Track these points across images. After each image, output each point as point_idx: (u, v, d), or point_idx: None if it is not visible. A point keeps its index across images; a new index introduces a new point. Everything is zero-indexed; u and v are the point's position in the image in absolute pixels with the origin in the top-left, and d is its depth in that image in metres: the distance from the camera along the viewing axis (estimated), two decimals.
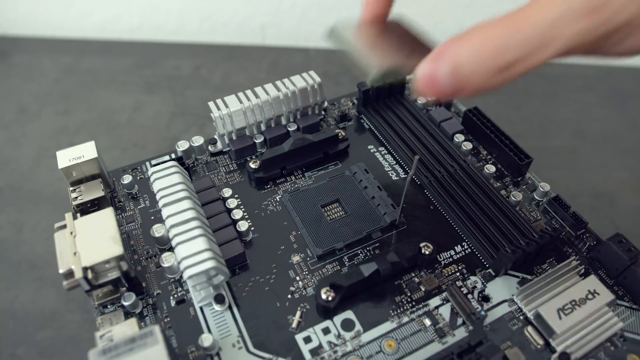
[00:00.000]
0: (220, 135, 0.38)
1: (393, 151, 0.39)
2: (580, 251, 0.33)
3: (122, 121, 0.58)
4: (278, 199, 0.35)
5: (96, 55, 0.68)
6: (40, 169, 0.52)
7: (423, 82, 0.22)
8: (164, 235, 0.31)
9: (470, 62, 0.20)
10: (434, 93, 0.22)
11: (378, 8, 0.28)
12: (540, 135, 0.57)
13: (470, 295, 0.30)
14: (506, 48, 0.20)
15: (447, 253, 0.32)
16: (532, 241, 0.30)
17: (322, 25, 0.71)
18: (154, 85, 0.63)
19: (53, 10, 0.70)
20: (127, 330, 0.25)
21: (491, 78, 0.20)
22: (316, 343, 0.28)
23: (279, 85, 0.38)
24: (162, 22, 0.71)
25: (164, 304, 0.30)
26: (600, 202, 0.49)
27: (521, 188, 0.36)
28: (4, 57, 0.67)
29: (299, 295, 0.30)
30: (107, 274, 0.28)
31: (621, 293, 0.30)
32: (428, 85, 0.22)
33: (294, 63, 0.68)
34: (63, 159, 0.33)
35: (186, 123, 0.58)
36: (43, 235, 0.46)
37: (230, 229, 0.32)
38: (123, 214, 0.34)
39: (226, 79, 0.64)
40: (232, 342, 0.28)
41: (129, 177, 0.36)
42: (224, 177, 0.37)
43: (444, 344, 0.28)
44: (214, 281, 0.29)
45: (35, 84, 0.63)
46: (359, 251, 0.32)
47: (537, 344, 0.28)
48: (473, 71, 0.21)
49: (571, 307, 0.28)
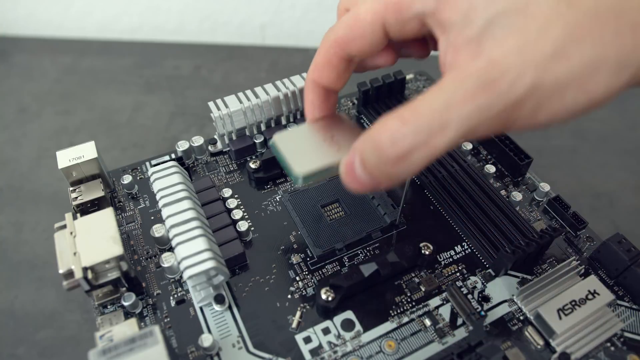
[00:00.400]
0: (220, 135, 0.38)
1: None
2: (580, 251, 0.33)
3: (122, 121, 0.58)
4: (278, 199, 0.35)
5: (96, 55, 0.68)
6: (40, 169, 0.52)
7: (344, 176, 0.23)
8: (164, 235, 0.31)
9: (372, 155, 0.21)
10: (357, 186, 0.23)
11: (319, 113, 0.29)
12: (540, 135, 0.57)
13: (470, 296, 0.30)
14: (401, 136, 0.20)
15: (447, 253, 0.32)
16: (532, 241, 0.30)
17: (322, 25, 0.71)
18: (154, 85, 0.63)
19: (53, 10, 0.70)
20: (127, 331, 0.25)
21: (391, 168, 0.21)
22: (316, 343, 0.28)
23: (279, 85, 0.38)
24: (162, 22, 0.71)
25: (164, 304, 0.30)
26: (600, 202, 0.49)
27: (521, 188, 0.36)
28: (4, 57, 0.67)
29: (299, 295, 0.30)
30: (107, 274, 0.28)
31: (621, 293, 0.30)
32: (348, 178, 0.23)
33: (294, 63, 0.68)
34: (63, 159, 0.33)
35: (186, 123, 0.58)
36: (43, 235, 0.46)
37: (230, 229, 0.32)
38: (123, 214, 0.34)
39: (226, 79, 0.64)
40: (232, 342, 0.28)
41: (129, 177, 0.36)
42: (224, 177, 0.37)
43: (444, 344, 0.28)
44: (214, 281, 0.29)
45: (35, 84, 0.63)
46: (359, 251, 0.32)
47: (537, 344, 0.28)
48: (376, 163, 0.21)
49: (571, 307, 0.28)
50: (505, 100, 0.19)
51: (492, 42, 0.19)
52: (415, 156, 0.20)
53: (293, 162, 0.26)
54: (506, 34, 0.19)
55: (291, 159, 0.26)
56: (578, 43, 0.18)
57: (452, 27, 0.20)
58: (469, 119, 0.19)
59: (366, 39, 0.24)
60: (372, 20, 0.23)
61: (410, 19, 0.22)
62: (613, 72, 0.19)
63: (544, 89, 0.19)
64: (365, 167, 0.22)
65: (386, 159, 0.20)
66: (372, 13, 0.23)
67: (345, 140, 0.27)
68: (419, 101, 0.20)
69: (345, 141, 0.27)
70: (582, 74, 0.19)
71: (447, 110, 0.19)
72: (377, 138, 0.20)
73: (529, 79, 0.19)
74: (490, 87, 0.19)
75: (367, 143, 0.21)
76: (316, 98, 0.28)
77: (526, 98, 0.19)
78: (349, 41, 0.25)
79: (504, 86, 0.19)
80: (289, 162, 0.26)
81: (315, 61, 0.27)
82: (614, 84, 0.19)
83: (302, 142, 0.28)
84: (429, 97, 0.20)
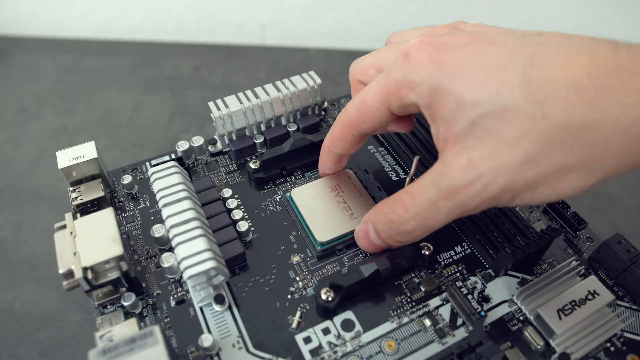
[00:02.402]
0: (220, 136, 0.38)
1: (393, 151, 0.39)
2: (580, 251, 0.33)
3: (122, 121, 0.58)
4: (278, 199, 0.35)
5: (96, 55, 0.68)
6: (40, 169, 0.52)
7: (360, 241, 0.30)
8: (164, 235, 0.31)
9: (385, 228, 0.27)
10: (372, 248, 0.30)
11: (330, 172, 0.34)
12: None
13: (470, 296, 0.30)
14: (404, 221, 0.26)
15: (447, 253, 0.32)
16: (532, 241, 0.30)
17: (322, 25, 0.71)
18: (154, 85, 0.63)
19: (53, 10, 0.70)
20: (127, 331, 0.25)
21: (400, 238, 0.27)
22: (316, 343, 0.28)
23: (279, 85, 0.38)
24: (162, 22, 0.71)
25: (163, 304, 0.30)
26: (600, 202, 0.49)
27: None
28: (4, 57, 0.67)
29: (298, 295, 0.30)
30: (107, 274, 0.28)
31: (621, 293, 0.30)
32: (364, 242, 0.30)
33: (294, 63, 0.68)
34: (63, 159, 0.33)
35: (186, 123, 0.58)
36: (43, 235, 0.46)
37: (230, 229, 0.32)
38: (123, 214, 0.34)
39: (226, 79, 0.64)
40: (232, 342, 0.28)
41: (129, 177, 0.36)
42: (224, 177, 0.37)
43: (444, 344, 0.28)
44: (214, 281, 0.29)
45: (35, 84, 0.63)
46: (359, 251, 0.32)
47: (537, 345, 0.28)
48: (388, 234, 0.27)
49: (571, 308, 0.28)
50: (481, 197, 0.23)
51: (472, 142, 0.22)
52: (416, 232, 0.26)
53: (315, 230, 0.32)
54: (485, 135, 0.22)
55: (312, 225, 0.32)
56: (549, 152, 0.21)
57: (442, 121, 0.23)
58: (453, 210, 0.24)
59: (375, 120, 0.27)
60: (377, 106, 0.26)
61: (410, 104, 0.25)
62: (581, 176, 0.21)
63: (515, 188, 0.22)
64: (379, 235, 0.28)
65: (396, 234, 0.26)
66: (377, 100, 0.26)
67: (352, 201, 0.33)
68: (416, 190, 0.25)
69: (352, 201, 0.33)
70: (550, 178, 0.21)
71: (436, 203, 0.24)
72: (388, 218, 0.26)
73: (502, 181, 0.22)
74: (468, 187, 0.22)
75: (380, 219, 0.27)
76: (329, 161, 0.33)
77: (500, 194, 0.22)
78: (360, 122, 0.28)
79: (479, 187, 0.22)
80: (310, 227, 0.32)
81: (332, 134, 0.31)
82: (582, 184, 0.21)
83: (317, 202, 0.33)
84: (423, 187, 0.24)
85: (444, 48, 0.24)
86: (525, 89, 0.21)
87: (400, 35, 0.31)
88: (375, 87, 0.26)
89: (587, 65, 0.20)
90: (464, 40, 0.24)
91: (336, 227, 0.32)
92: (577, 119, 0.20)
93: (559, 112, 0.20)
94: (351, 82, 0.31)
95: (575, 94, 0.20)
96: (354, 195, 0.34)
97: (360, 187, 0.34)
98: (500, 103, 0.21)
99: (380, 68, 0.28)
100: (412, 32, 0.30)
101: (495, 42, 0.23)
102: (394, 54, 0.27)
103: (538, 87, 0.20)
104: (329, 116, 0.42)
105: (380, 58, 0.29)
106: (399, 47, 0.27)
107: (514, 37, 0.23)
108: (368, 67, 0.29)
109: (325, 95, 0.40)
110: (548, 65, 0.21)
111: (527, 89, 0.21)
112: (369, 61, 0.29)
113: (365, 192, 0.34)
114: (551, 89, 0.20)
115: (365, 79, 0.30)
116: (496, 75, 0.21)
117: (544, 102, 0.20)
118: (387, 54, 0.28)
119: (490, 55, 0.22)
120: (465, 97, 0.22)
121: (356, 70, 0.30)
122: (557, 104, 0.20)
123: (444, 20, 0.31)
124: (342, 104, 0.43)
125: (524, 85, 0.21)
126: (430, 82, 0.23)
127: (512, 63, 0.21)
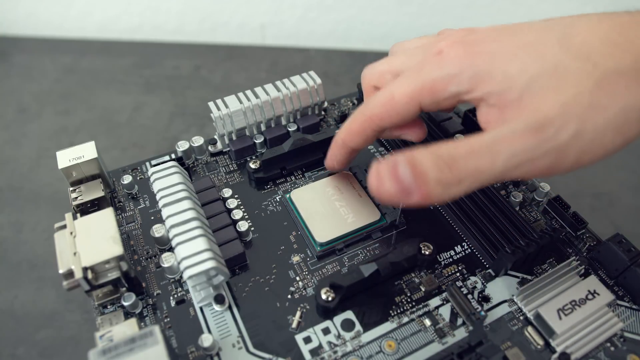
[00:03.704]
0: (220, 136, 0.38)
1: (393, 151, 0.39)
2: (580, 251, 0.33)
3: (122, 121, 0.58)
4: (278, 199, 0.35)
5: (96, 55, 0.68)
6: (40, 169, 0.52)
7: (383, 173, 0.22)
8: (164, 235, 0.31)
9: (433, 166, 0.21)
10: (390, 187, 0.22)
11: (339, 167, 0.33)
12: None
13: (470, 296, 0.30)
14: (463, 159, 0.22)
15: (447, 253, 0.32)
16: (532, 241, 0.30)
17: (322, 25, 0.71)
18: (154, 85, 0.63)
19: (53, 10, 0.70)
20: (127, 331, 0.25)
21: (447, 184, 0.22)
22: (316, 343, 0.28)
23: (279, 85, 0.38)
24: (162, 22, 0.71)
25: (163, 304, 0.30)
26: (600, 202, 0.49)
27: (521, 188, 0.36)
28: (4, 57, 0.67)
29: (299, 295, 0.30)
30: (107, 274, 0.28)
31: (621, 293, 0.30)
32: (390, 176, 0.22)
33: (294, 63, 0.68)
34: (63, 159, 0.33)
35: (186, 123, 0.58)
36: (43, 235, 0.46)
37: (230, 229, 0.32)
38: (123, 214, 0.34)
39: (226, 79, 0.64)
40: (232, 342, 0.28)
41: (129, 177, 0.36)
42: (224, 177, 0.37)
43: (444, 344, 0.28)
44: (214, 281, 0.29)
45: (35, 84, 0.63)
46: (359, 251, 0.32)
47: (537, 344, 0.28)
48: (436, 176, 0.21)
49: (571, 308, 0.28)
50: (551, 144, 0.21)
51: (534, 99, 0.22)
52: (466, 181, 0.22)
53: (314, 231, 0.31)
54: (545, 92, 0.22)
55: (312, 226, 0.32)
56: (610, 95, 0.21)
57: (491, 95, 0.23)
58: (517, 155, 0.21)
59: (400, 116, 0.27)
60: (407, 101, 0.26)
61: (445, 98, 0.25)
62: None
63: (585, 135, 0.21)
64: (416, 172, 0.21)
65: (448, 175, 0.21)
66: (408, 96, 0.26)
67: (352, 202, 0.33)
68: (479, 135, 0.22)
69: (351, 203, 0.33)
70: (617, 121, 0.21)
71: (498, 144, 0.22)
72: (441, 153, 0.22)
73: (572, 127, 0.21)
74: (538, 132, 0.21)
75: (430, 156, 0.22)
76: (340, 154, 0.32)
77: (570, 144, 0.21)
78: (384, 118, 0.27)
79: (551, 131, 0.21)
80: (310, 228, 0.32)
81: (348, 128, 0.30)
82: None
83: (316, 203, 0.33)
84: (487, 134, 0.22)
85: (475, 42, 0.24)
86: (567, 52, 0.22)
87: (404, 45, 0.31)
88: (406, 84, 0.26)
89: (612, 27, 0.22)
90: (488, 34, 0.25)
91: (335, 227, 0.32)
92: (623, 63, 0.21)
93: (607, 60, 0.21)
94: (365, 88, 0.31)
95: (613, 46, 0.22)
96: (353, 197, 0.34)
97: (360, 188, 0.34)
98: (548, 65, 0.22)
99: (397, 73, 0.28)
100: (415, 41, 0.30)
101: (520, 30, 0.24)
102: (412, 58, 0.27)
103: (578, 48, 0.22)
104: (329, 116, 0.42)
105: (395, 64, 0.29)
106: (415, 53, 0.28)
107: (536, 23, 0.24)
108: (384, 73, 0.29)
109: (325, 95, 0.40)
110: (578, 34, 0.22)
111: (568, 51, 0.22)
112: (384, 67, 0.29)
113: (364, 193, 0.34)
114: (590, 47, 0.22)
115: (380, 84, 0.30)
116: (534, 49, 0.23)
117: (589, 57, 0.22)
118: (403, 60, 0.28)
119: (522, 38, 0.23)
120: (511, 69, 0.23)
121: (370, 77, 0.30)
122: (601, 56, 0.22)
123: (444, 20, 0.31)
124: (342, 104, 0.43)
125: (564, 51, 0.22)
126: (470, 70, 0.24)
127: (546, 38, 0.23)
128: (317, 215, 0.33)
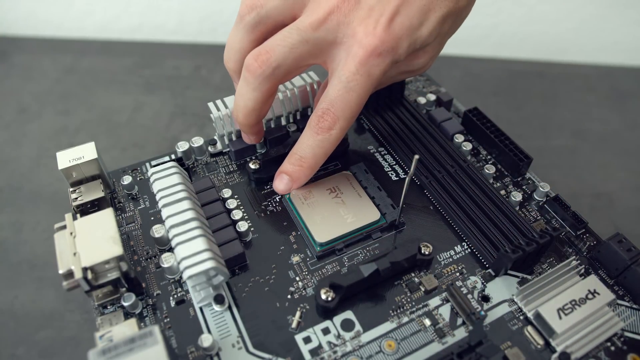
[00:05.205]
0: (220, 136, 0.38)
1: (393, 151, 0.39)
2: (580, 251, 0.33)
3: (122, 121, 0.58)
4: (278, 199, 0.35)
5: (96, 55, 0.68)
6: (40, 169, 0.52)
7: (277, 178, 0.33)
8: (164, 235, 0.31)
9: (287, 165, 0.33)
10: (281, 185, 0.33)
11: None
12: (540, 135, 0.57)
13: (470, 295, 0.30)
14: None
15: (447, 253, 0.32)
16: (532, 241, 0.30)
17: None
18: (154, 85, 0.63)
19: (53, 10, 0.70)
20: (126, 331, 0.25)
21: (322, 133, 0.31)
22: (316, 343, 0.28)
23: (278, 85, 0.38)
24: (162, 22, 0.71)
25: (163, 304, 0.30)
26: (600, 202, 0.49)
27: (521, 188, 0.36)
28: (4, 57, 0.67)
29: (298, 295, 0.30)
30: (107, 274, 0.28)
31: (621, 293, 0.30)
32: (280, 180, 0.33)
33: None
34: (63, 159, 0.33)
35: (186, 123, 0.58)
36: (43, 235, 0.46)
37: (230, 229, 0.32)
38: (123, 214, 0.34)
39: (226, 79, 0.64)
40: (231, 342, 0.28)
41: (129, 177, 0.36)
42: (223, 177, 0.37)
43: (444, 344, 0.28)
44: (214, 281, 0.29)
45: (35, 84, 0.63)
46: (359, 251, 0.32)
47: (537, 344, 0.28)
48: (290, 168, 0.32)
49: (571, 307, 0.28)
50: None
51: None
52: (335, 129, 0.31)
53: (314, 231, 0.32)
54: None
55: (311, 227, 0.32)
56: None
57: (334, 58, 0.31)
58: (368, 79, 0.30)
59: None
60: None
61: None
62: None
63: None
64: (288, 173, 0.33)
65: (301, 168, 0.32)
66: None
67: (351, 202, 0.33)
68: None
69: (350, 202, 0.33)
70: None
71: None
72: (297, 154, 0.32)
73: (405, 45, 0.30)
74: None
75: (287, 162, 0.33)
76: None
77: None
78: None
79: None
80: (309, 228, 0.32)
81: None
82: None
83: (316, 203, 0.33)
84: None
85: None
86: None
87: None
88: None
89: None
90: None
91: (335, 227, 0.32)
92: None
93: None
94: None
95: None
96: (353, 197, 0.34)
97: (359, 188, 0.34)
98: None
99: None
100: None
101: None
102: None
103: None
104: None
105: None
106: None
107: None
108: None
109: None
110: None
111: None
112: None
113: (364, 193, 0.34)
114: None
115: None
116: None
117: None
118: None
119: None
120: None
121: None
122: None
123: None
124: None
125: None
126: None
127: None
128: (316, 215, 0.33)
